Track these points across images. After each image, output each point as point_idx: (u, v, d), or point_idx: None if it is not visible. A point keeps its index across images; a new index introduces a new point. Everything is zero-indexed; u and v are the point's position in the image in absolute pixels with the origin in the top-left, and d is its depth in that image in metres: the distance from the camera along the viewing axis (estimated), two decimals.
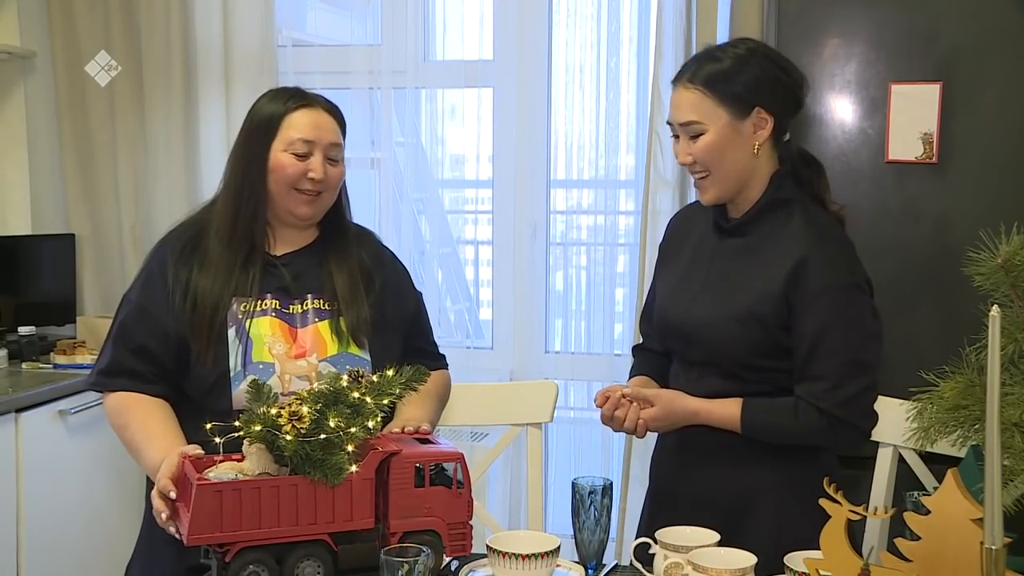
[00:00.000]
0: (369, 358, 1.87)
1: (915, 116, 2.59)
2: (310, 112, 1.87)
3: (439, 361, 2.08)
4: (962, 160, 2.60)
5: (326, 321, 1.87)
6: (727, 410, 1.83)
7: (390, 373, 1.62)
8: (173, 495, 1.56)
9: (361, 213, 3.40)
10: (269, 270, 1.88)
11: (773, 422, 1.82)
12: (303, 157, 1.85)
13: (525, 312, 3.39)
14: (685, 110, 1.83)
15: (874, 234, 2.65)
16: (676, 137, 1.87)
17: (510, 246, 3.41)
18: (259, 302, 1.85)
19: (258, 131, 1.87)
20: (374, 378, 1.60)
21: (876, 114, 2.64)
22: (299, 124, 1.85)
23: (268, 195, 1.87)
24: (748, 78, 1.83)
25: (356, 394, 1.55)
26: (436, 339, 2.12)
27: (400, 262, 2.08)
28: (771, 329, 1.81)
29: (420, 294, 2.08)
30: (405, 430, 1.74)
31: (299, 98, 1.89)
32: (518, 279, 3.40)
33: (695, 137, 1.83)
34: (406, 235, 3.45)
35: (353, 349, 1.86)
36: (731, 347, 1.83)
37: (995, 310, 1.12)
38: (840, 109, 2.67)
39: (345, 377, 1.58)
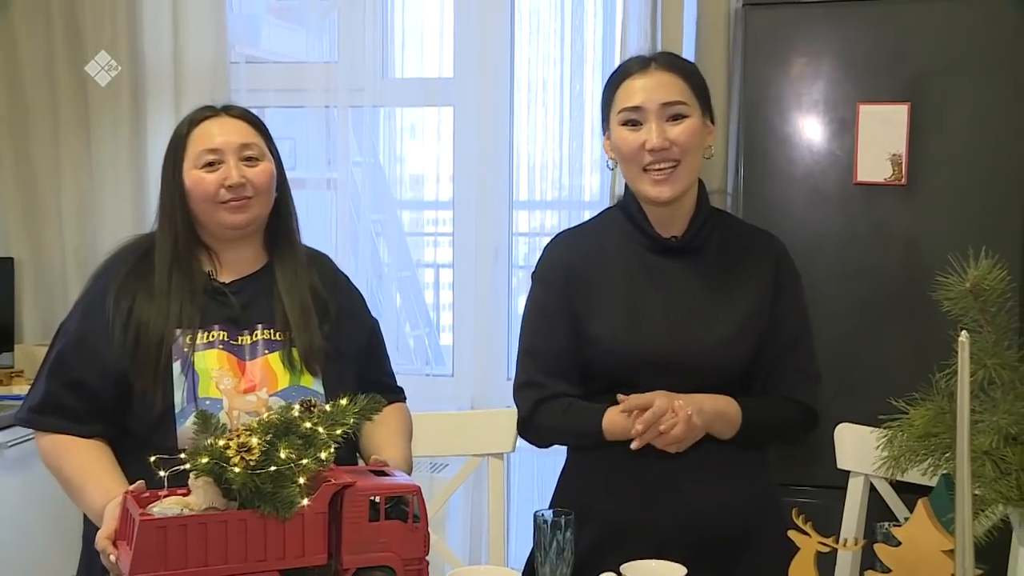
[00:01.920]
0: (323, 390, 1.83)
1: (884, 137, 2.63)
2: (212, 122, 1.86)
3: (397, 394, 2.05)
4: (931, 182, 2.64)
5: (277, 352, 1.84)
6: (731, 407, 1.86)
7: (343, 402, 1.61)
8: (113, 559, 1.52)
9: (317, 235, 3.41)
10: (216, 299, 1.85)
11: (769, 421, 1.90)
12: (214, 167, 1.83)
13: (487, 338, 3.38)
14: (671, 90, 1.87)
15: (843, 257, 2.68)
16: (634, 124, 1.88)
17: (471, 269, 3.41)
18: (206, 334, 1.82)
19: (168, 156, 1.87)
20: (327, 407, 1.59)
21: (844, 135, 2.67)
22: (201, 136, 1.84)
23: (196, 218, 1.85)
24: (705, 83, 1.95)
25: (308, 424, 1.54)
26: (394, 368, 2.09)
27: (355, 287, 2.05)
28: (762, 335, 1.88)
29: (376, 321, 2.05)
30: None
31: (203, 111, 1.88)
32: (480, 303, 3.39)
33: (675, 120, 1.86)
34: (363, 258, 3.44)
35: (306, 380, 1.83)
36: (736, 367, 1.88)
37: (964, 336, 1.14)
38: (808, 129, 2.70)
39: (296, 407, 1.56)
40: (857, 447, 2.15)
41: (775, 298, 1.91)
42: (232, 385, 1.79)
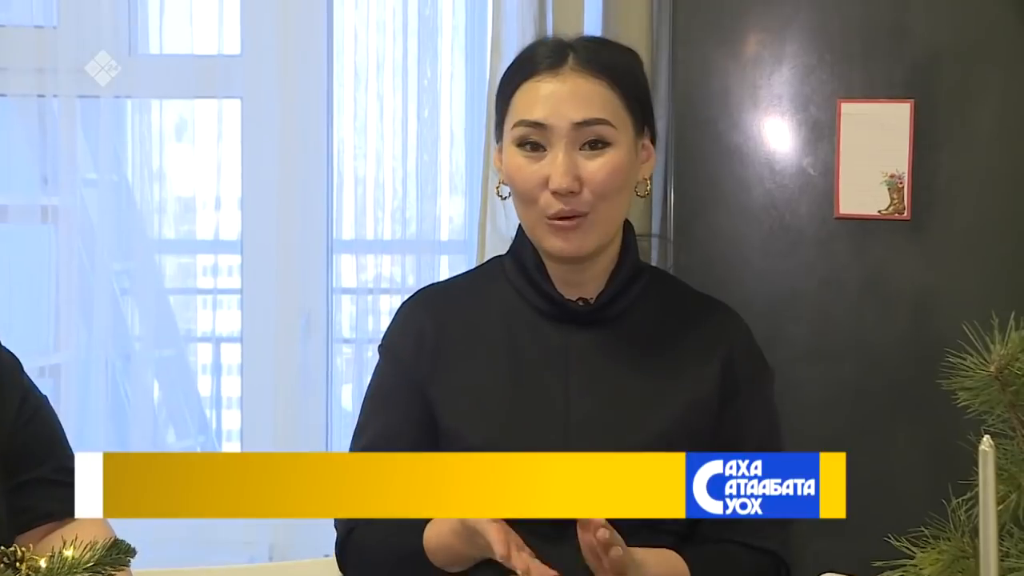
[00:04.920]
0: None
1: (877, 150, 2.72)
2: None
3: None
4: (945, 215, 2.73)
5: None
6: (674, 567, 1.87)
7: (68, 554, 1.58)
8: None
9: (25, 290, 3.33)
10: None
11: None
12: None
13: (294, 449, 3.34)
14: (592, 104, 1.87)
15: (823, 322, 2.75)
16: (534, 148, 1.89)
17: (269, 345, 3.38)
18: None
19: None
20: (41, 563, 1.56)
21: (820, 146, 2.75)
22: None
23: None
24: (646, 85, 1.98)
25: None
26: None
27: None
28: (705, 447, 1.89)
29: (43, 398, 2.03)
30: None
31: None
32: (283, 396, 3.36)
33: (593, 149, 1.87)
34: (100, 327, 3.37)
35: None
36: None
37: (987, 443, 1.16)
38: (768, 138, 2.78)
39: None
40: None
41: (724, 401, 1.93)
42: None
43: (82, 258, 3.42)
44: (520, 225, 2.00)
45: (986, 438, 1.17)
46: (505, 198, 1.99)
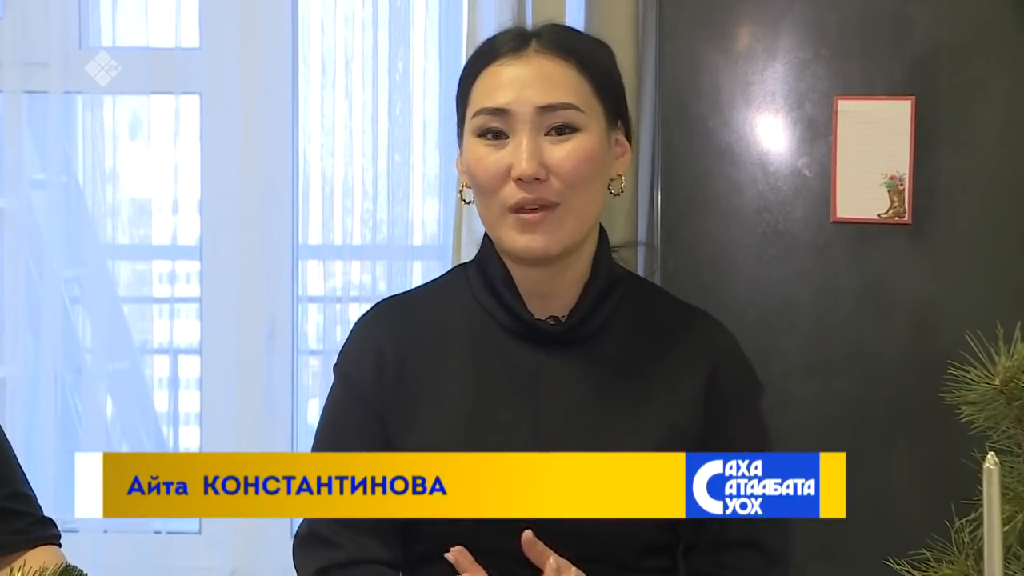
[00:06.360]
0: None
1: (876, 150, 2.73)
2: None
3: (45, 529, 2.03)
4: (949, 218, 2.75)
5: None
6: None
7: None
8: None
9: None
10: None
11: None
12: None
13: None
14: (558, 87, 1.84)
15: (819, 333, 2.76)
16: (496, 136, 1.86)
17: (231, 357, 3.38)
18: None
19: None
20: None
21: (816, 146, 2.76)
22: None
23: None
24: (618, 77, 1.96)
25: None
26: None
27: None
28: None
29: None
30: None
31: None
32: (245, 412, 3.36)
33: (560, 135, 1.84)
34: (49, 339, 3.37)
35: None
36: (644, 526, 1.84)
37: (991, 460, 1.17)
38: (761, 137, 2.78)
39: None
40: None
41: (711, 424, 1.91)
42: None
43: (29, 264, 3.41)
44: (486, 233, 1.96)
45: (991, 455, 1.17)
46: (469, 203, 1.96)
